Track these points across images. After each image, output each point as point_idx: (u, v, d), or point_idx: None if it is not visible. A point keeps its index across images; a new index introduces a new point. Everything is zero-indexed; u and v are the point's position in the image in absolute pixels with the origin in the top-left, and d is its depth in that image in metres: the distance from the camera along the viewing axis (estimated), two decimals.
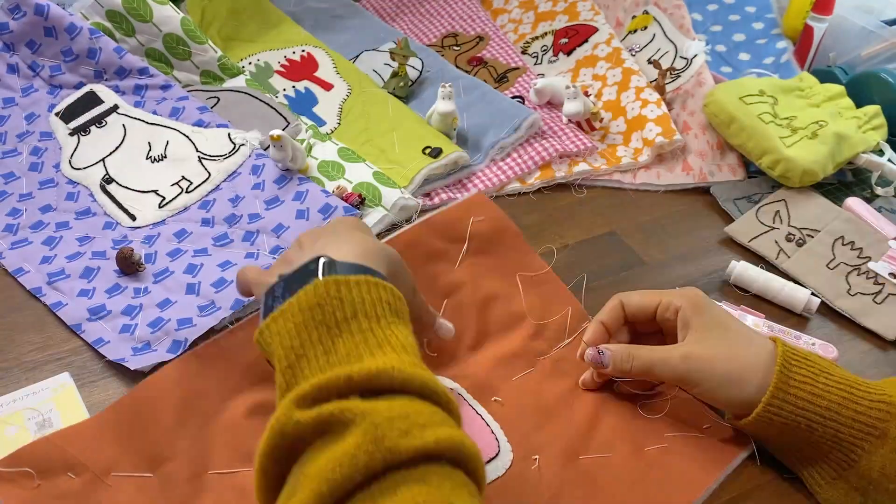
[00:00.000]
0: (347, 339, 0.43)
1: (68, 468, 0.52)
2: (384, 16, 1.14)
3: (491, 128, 0.89)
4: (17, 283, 0.71)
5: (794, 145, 0.84)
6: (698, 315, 0.58)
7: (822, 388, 0.54)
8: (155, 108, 0.86)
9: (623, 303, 0.62)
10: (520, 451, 0.57)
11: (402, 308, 0.47)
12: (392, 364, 0.41)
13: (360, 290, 0.45)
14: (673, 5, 1.05)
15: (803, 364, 0.55)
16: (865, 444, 0.52)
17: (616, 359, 0.59)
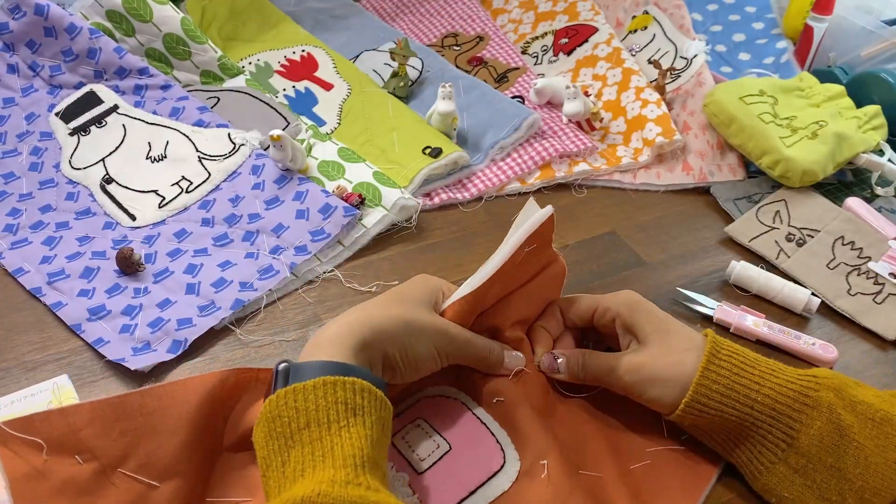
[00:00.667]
0: (299, 449, 0.45)
1: (77, 451, 0.49)
2: (384, 16, 1.14)
3: (491, 128, 0.89)
4: (17, 283, 0.71)
5: (794, 145, 0.84)
6: (636, 320, 0.59)
7: (752, 362, 0.55)
8: (155, 108, 0.86)
9: (561, 309, 0.64)
10: (527, 457, 0.56)
11: (361, 403, 0.48)
12: (319, 489, 0.42)
13: (316, 395, 0.47)
14: (673, 5, 1.05)
15: (729, 346, 0.56)
16: (802, 416, 0.52)
17: (570, 366, 0.60)
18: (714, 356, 0.55)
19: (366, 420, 0.47)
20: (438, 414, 0.59)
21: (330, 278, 0.74)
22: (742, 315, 0.70)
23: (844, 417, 0.52)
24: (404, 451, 0.56)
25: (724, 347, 0.56)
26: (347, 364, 0.49)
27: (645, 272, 0.77)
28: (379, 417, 0.48)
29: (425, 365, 0.56)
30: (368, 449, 0.46)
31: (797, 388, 0.53)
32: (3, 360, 0.64)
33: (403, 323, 0.55)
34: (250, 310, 0.69)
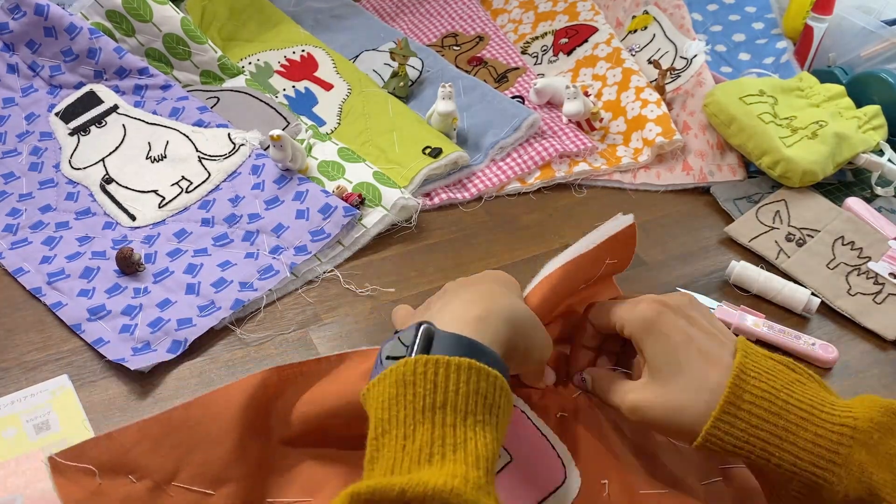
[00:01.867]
0: (428, 429, 0.42)
1: (130, 471, 0.51)
2: (384, 16, 1.14)
3: (491, 128, 0.89)
4: (17, 283, 0.71)
5: (794, 145, 0.84)
6: (647, 348, 0.53)
7: (779, 408, 0.49)
8: (155, 108, 0.86)
9: (590, 321, 0.59)
10: (588, 475, 0.54)
11: (498, 402, 0.44)
12: (452, 485, 0.38)
13: (459, 376, 0.43)
14: (673, 5, 1.05)
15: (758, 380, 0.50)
16: (828, 473, 0.47)
17: (595, 385, 0.57)
18: (732, 404, 0.49)
19: (499, 422, 0.44)
20: None
21: (330, 278, 0.74)
22: (742, 315, 0.70)
23: (876, 476, 0.47)
24: None
25: (747, 390, 0.49)
26: (490, 351, 0.46)
27: (645, 272, 0.77)
28: (507, 422, 0.45)
29: (528, 367, 0.54)
30: (496, 453, 0.43)
31: (826, 443, 0.48)
32: (3, 360, 0.64)
33: (534, 320, 0.52)
34: (250, 310, 0.70)
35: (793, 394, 0.49)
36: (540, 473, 0.54)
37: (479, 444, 0.42)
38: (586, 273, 0.59)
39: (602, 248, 0.58)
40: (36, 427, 0.57)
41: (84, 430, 0.58)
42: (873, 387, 0.67)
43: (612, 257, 0.58)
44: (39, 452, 0.56)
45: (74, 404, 0.60)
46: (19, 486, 0.54)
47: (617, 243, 0.58)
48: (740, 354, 0.51)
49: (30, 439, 0.57)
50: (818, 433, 0.48)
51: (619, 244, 0.59)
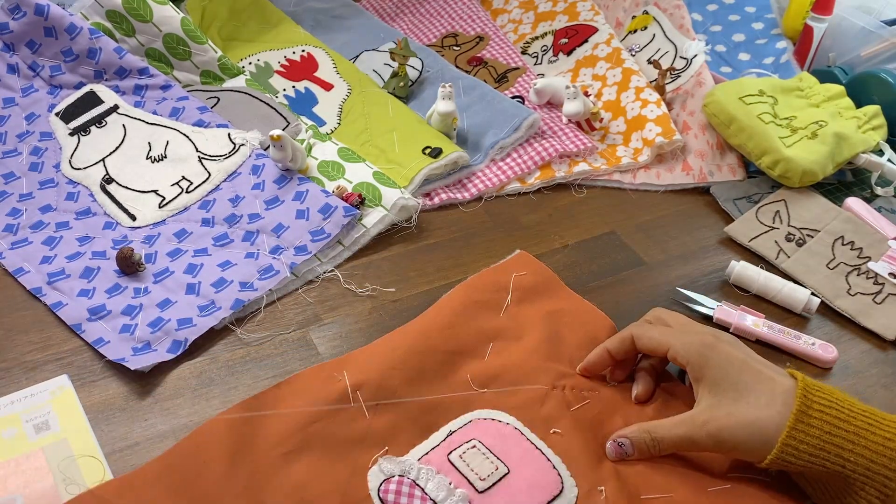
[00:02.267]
0: None
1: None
2: (384, 16, 1.14)
3: (491, 128, 0.89)
4: (17, 283, 0.71)
5: (794, 145, 0.84)
6: (708, 375, 0.55)
7: (846, 415, 0.51)
8: (155, 108, 0.86)
9: (634, 339, 0.60)
10: (584, 484, 0.55)
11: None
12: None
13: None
14: (673, 5, 1.05)
15: (822, 394, 0.52)
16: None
17: (639, 447, 0.57)
18: (804, 412, 0.51)
19: None
20: (493, 437, 0.58)
21: (330, 278, 0.74)
22: (742, 315, 0.70)
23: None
24: (463, 471, 0.55)
25: (815, 401, 0.51)
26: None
27: (645, 272, 0.77)
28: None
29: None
30: None
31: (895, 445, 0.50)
32: (3, 360, 0.64)
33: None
34: (250, 310, 0.70)
35: (854, 404, 0.52)
36: (538, 483, 0.55)
37: None
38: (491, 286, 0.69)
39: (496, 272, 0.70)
40: (36, 427, 0.57)
41: (84, 430, 0.58)
42: (873, 387, 0.67)
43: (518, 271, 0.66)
44: (39, 452, 0.56)
45: (74, 404, 0.60)
46: (19, 486, 0.54)
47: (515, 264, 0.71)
48: (799, 374, 0.54)
49: (29, 439, 0.57)
50: (886, 436, 0.50)
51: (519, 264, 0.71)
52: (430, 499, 0.54)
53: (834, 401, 0.52)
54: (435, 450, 0.57)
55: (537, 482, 0.55)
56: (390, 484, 0.55)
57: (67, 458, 0.56)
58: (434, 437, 0.58)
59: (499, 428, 0.59)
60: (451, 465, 0.56)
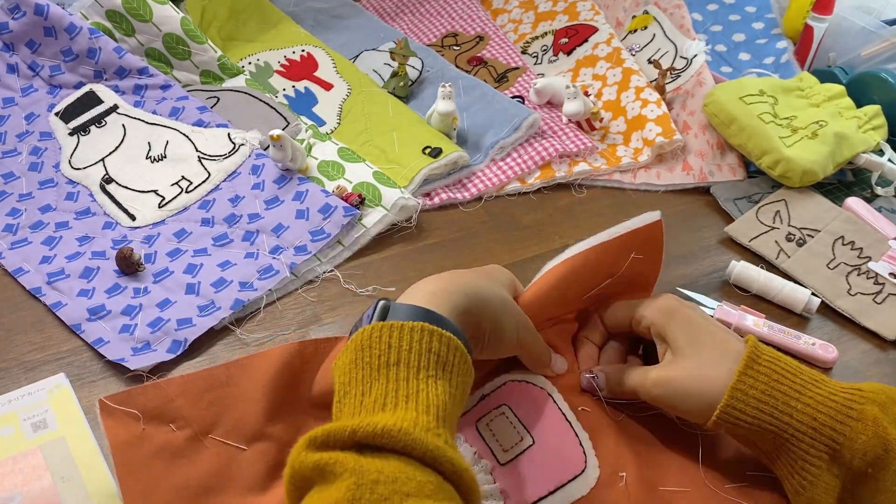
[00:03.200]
0: (382, 384, 0.45)
1: (172, 419, 0.54)
2: (384, 16, 1.14)
3: (491, 128, 0.89)
4: (17, 283, 0.71)
5: (794, 145, 0.84)
6: (671, 330, 0.57)
7: (792, 372, 0.53)
8: (155, 107, 0.86)
9: (601, 318, 0.63)
10: (606, 467, 0.56)
11: (451, 360, 0.47)
12: (401, 425, 0.41)
13: (412, 337, 0.46)
14: (673, 5, 1.05)
15: (770, 357, 0.54)
16: (846, 428, 0.50)
17: (609, 382, 0.60)
18: (753, 360, 0.53)
19: (452, 378, 0.47)
20: (524, 403, 0.59)
21: (330, 278, 0.74)
22: (742, 315, 0.70)
23: (891, 432, 0.50)
24: (488, 440, 0.56)
25: (764, 353, 0.53)
26: (445, 319, 0.49)
27: None
28: (463, 380, 0.48)
29: (505, 346, 0.56)
30: (450, 406, 0.45)
31: (840, 399, 0.51)
32: (3, 360, 0.64)
33: (501, 299, 0.55)
34: (250, 310, 0.69)
35: (801, 365, 0.54)
36: (562, 459, 0.56)
37: (430, 394, 0.45)
38: (604, 266, 0.61)
39: (620, 241, 0.60)
40: (33, 425, 0.57)
41: (82, 428, 0.58)
42: None
43: (637, 252, 0.60)
44: (37, 450, 0.56)
45: (72, 402, 0.60)
46: (17, 485, 0.54)
47: (637, 238, 0.60)
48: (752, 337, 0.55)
49: (27, 438, 0.57)
50: (832, 392, 0.52)
51: (641, 240, 0.60)
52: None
53: (781, 358, 0.54)
54: (465, 416, 0.58)
55: (561, 458, 0.56)
56: None
57: (65, 456, 0.56)
58: (467, 401, 0.58)
59: (532, 394, 0.59)
60: (478, 433, 0.57)
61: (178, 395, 0.55)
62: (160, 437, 0.53)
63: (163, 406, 0.55)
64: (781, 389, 0.52)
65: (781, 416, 0.51)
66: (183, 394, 0.55)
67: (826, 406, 0.51)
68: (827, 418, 0.51)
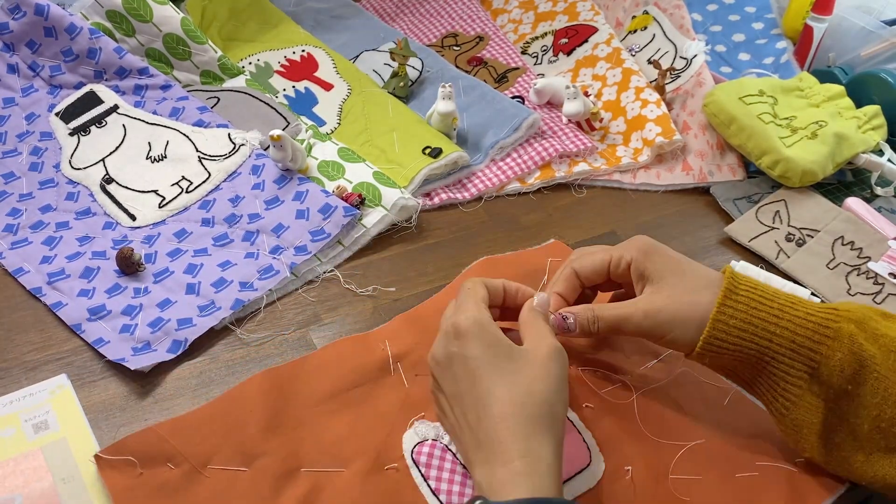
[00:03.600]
0: None
1: (168, 459, 0.55)
2: (384, 16, 1.14)
3: (491, 128, 0.89)
4: (17, 283, 0.71)
5: (794, 145, 0.84)
6: (651, 263, 0.58)
7: (770, 294, 0.54)
8: (155, 108, 0.86)
9: (576, 270, 0.61)
10: (611, 461, 0.57)
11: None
12: None
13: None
14: (673, 5, 1.05)
15: (748, 285, 0.55)
16: (822, 346, 0.52)
17: (581, 321, 0.58)
18: (731, 290, 0.54)
19: None
20: None
21: (330, 278, 0.74)
22: None
23: (866, 347, 0.52)
24: None
25: (742, 282, 0.55)
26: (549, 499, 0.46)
27: None
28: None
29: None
30: None
31: (817, 319, 0.53)
32: (3, 360, 0.64)
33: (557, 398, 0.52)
34: (250, 310, 0.70)
35: (778, 290, 0.56)
36: (568, 453, 0.56)
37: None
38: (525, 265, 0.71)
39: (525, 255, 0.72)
40: (35, 426, 0.57)
41: (83, 429, 0.58)
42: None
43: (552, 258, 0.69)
44: (38, 452, 0.56)
45: (73, 403, 0.60)
46: (18, 486, 0.54)
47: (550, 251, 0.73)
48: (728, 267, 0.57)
49: (28, 439, 0.57)
50: (808, 311, 0.53)
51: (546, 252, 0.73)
52: (459, 463, 0.56)
53: (759, 284, 0.55)
54: None
55: (567, 453, 0.56)
56: (423, 447, 0.57)
57: (67, 457, 0.56)
58: None
59: None
60: None
61: (170, 435, 0.56)
62: (159, 477, 0.54)
63: (157, 447, 0.55)
64: (760, 315, 0.53)
65: (761, 341, 0.53)
66: (175, 434, 0.56)
67: (803, 327, 0.53)
68: (804, 339, 0.53)
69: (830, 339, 0.52)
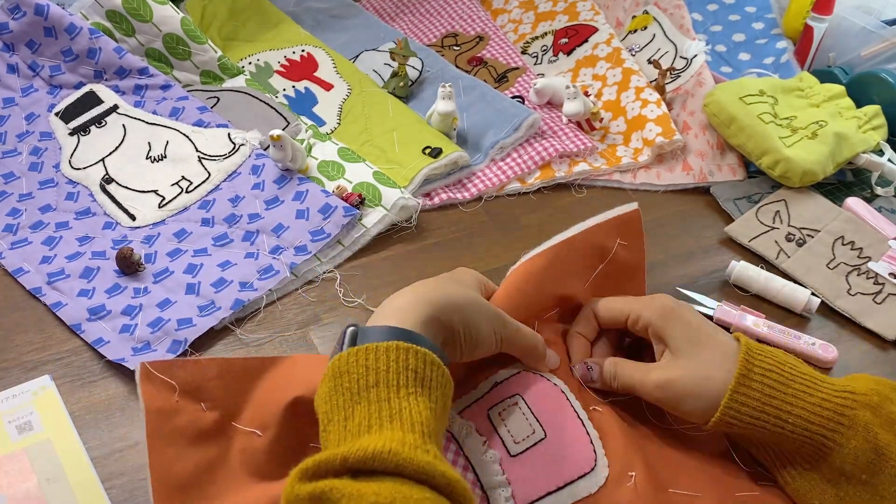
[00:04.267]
0: (364, 407, 0.45)
1: (203, 399, 0.55)
2: (384, 16, 1.14)
3: (491, 128, 0.89)
4: (17, 283, 0.71)
5: (794, 145, 0.84)
6: (670, 330, 0.58)
7: (786, 378, 0.53)
8: (155, 108, 0.86)
9: (594, 312, 0.63)
10: (616, 467, 0.56)
11: (429, 374, 0.47)
12: (390, 446, 0.41)
13: (388, 356, 0.46)
14: (673, 5, 1.05)
15: (764, 356, 0.54)
16: (836, 435, 0.52)
17: (604, 375, 0.60)
18: (745, 376, 0.53)
19: (432, 393, 0.47)
20: (538, 396, 0.58)
21: (330, 278, 0.74)
22: (742, 315, 0.70)
23: (881, 436, 0.51)
24: (499, 430, 0.56)
25: (756, 364, 0.54)
26: (416, 334, 0.49)
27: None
28: (443, 393, 0.48)
29: (484, 345, 0.55)
30: (433, 420, 0.45)
31: (832, 406, 0.52)
32: (3, 360, 0.64)
33: (468, 299, 0.54)
34: (250, 310, 0.70)
35: (795, 367, 0.54)
36: (572, 456, 0.55)
37: (413, 411, 0.45)
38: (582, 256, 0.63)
39: (597, 230, 0.63)
40: (18, 427, 0.57)
41: (68, 430, 0.58)
42: None
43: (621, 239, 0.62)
44: (22, 453, 0.56)
45: (57, 404, 0.59)
46: (2, 487, 0.54)
47: (614, 227, 0.64)
48: (743, 337, 0.56)
49: (12, 440, 0.56)
50: (824, 398, 0.52)
51: (618, 228, 0.64)
52: (462, 454, 0.55)
53: (775, 364, 0.54)
54: (478, 402, 0.58)
55: (572, 455, 0.55)
56: None
57: (51, 457, 0.55)
58: (480, 387, 0.58)
59: (545, 387, 0.59)
60: (489, 421, 0.56)
61: (215, 376, 0.56)
62: (190, 413, 0.54)
63: (199, 383, 0.55)
64: (774, 403, 0.53)
65: (774, 427, 0.53)
66: (220, 376, 0.56)
67: (818, 415, 0.52)
68: (818, 427, 0.52)
69: (845, 426, 0.52)
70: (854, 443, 0.51)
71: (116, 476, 0.56)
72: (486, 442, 0.55)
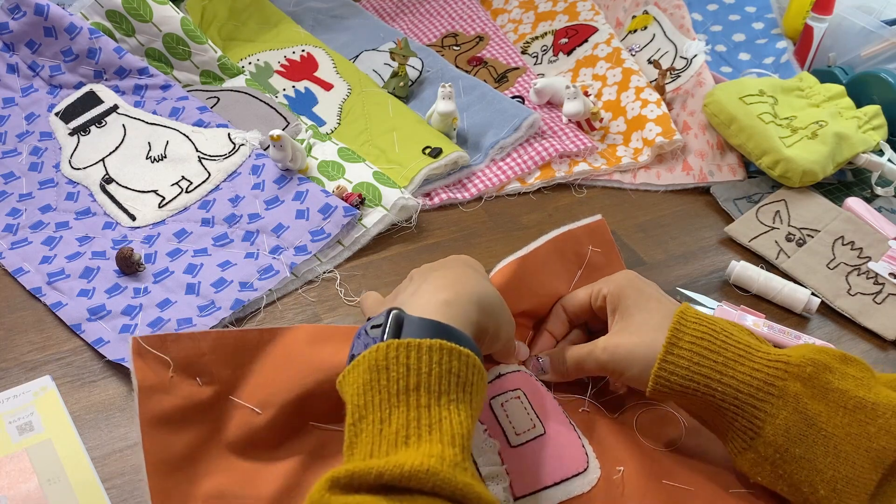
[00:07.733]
0: (403, 412, 0.43)
1: (199, 373, 0.54)
2: (384, 16, 1.14)
3: (491, 128, 0.89)
4: (17, 283, 0.71)
5: (794, 145, 0.84)
6: (623, 299, 0.57)
7: (718, 346, 0.52)
8: (155, 108, 0.86)
9: (563, 306, 0.63)
10: (605, 466, 0.56)
11: (472, 379, 0.46)
12: (427, 465, 0.39)
13: (431, 357, 0.44)
14: (673, 5, 1.05)
15: (698, 324, 0.54)
16: (766, 405, 0.51)
17: (553, 363, 0.60)
18: (674, 343, 0.53)
19: (473, 399, 0.45)
20: (537, 396, 0.59)
21: (330, 278, 0.74)
22: (742, 315, 0.70)
23: (811, 407, 0.50)
24: (501, 419, 0.56)
25: (687, 331, 0.53)
26: (458, 331, 0.47)
27: (645, 272, 0.77)
28: (481, 397, 0.47)
29: (497, 346, 0.55)
30: (471, 430, 0.44)
31: (762, 376, 0.51)
32: (3, 360, 0.64)
33: (501, 302, 0.54)
34: (250, 310, 0.70)
35: (732, 335, 0.54)
36: (567, 456, 0.56)
37: (454, 422, 0.43)
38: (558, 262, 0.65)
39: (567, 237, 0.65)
40: (19, 428, 0.57)
41: (68, 431, 0.58)
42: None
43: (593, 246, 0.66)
44: (23, 453, 0.56)
45: (58, 404, 0.59)
46: (3, 488, 0.53)
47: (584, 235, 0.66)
48: (684, 305, 0.56)
49: (13, 441, 0.56)
50: (755, 367, 0.52)
51: (588, 236, 0.66)
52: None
53: (709, 331, 0.53)
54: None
55: (566, 454, 0.56)
56: None
57: (52, 458, 0.55)
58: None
59: (541, 387, 0.60)
60: (492, 410, 0.56)
61: (209, 350, 0.55)
62: (185, 389, 0.53)
63: (193, 358, 0.54)
64: (702, 371, 0.52)
65: (705, 395, 0.52)
66: (214, 350, 0.55)
67: (747, 384, 0.52)
68: (747, 396, 0.51)
69: (775, 397, 0.51)
70: (784, 413, 0.51)
71: (116, 476, 0.56)
72: (487, 430, 0.56)
